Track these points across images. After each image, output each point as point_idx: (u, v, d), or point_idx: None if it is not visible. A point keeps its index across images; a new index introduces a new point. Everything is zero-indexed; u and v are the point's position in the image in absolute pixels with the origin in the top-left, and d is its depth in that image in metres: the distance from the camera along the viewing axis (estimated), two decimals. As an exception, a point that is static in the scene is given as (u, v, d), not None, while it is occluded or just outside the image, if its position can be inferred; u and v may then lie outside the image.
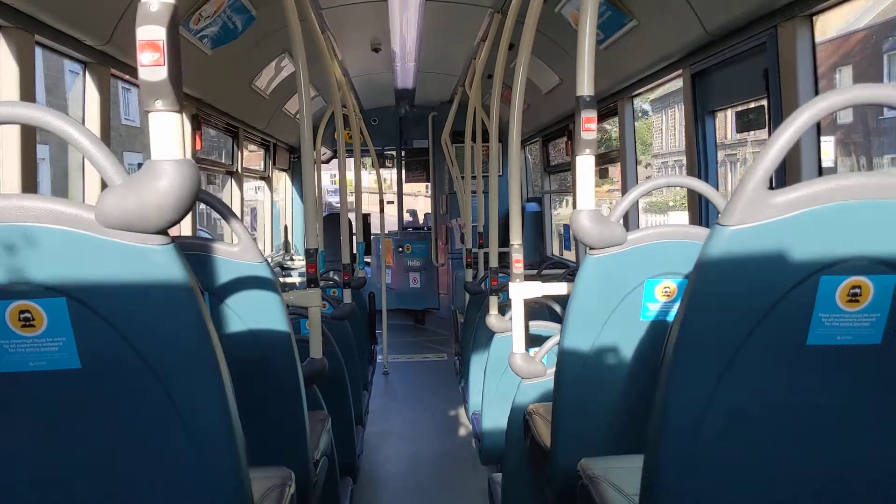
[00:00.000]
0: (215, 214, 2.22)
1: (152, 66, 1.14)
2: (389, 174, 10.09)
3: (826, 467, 1.36)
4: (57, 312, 1.21)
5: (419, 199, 13.75)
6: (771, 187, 1.26)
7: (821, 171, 2.71)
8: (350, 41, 5.82)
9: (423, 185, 10.39)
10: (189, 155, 4.18)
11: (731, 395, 1.31)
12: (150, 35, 1.13)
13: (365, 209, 6.75)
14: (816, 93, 2.68)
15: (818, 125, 2.69)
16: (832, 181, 1.22)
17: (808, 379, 1.31)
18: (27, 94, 2.52)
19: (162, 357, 1.25)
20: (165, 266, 1.21)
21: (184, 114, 1.23)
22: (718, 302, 1.29)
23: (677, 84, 3.90)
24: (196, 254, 2.03)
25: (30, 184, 2.52)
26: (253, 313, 2.09)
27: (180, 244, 1.36)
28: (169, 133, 1.18)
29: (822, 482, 1.37)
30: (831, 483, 1.37)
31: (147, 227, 1.18)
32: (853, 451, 1.36)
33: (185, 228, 4.41)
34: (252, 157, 6.90)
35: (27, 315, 1.20)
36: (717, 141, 3.67)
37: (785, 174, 2.72)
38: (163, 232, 1.20)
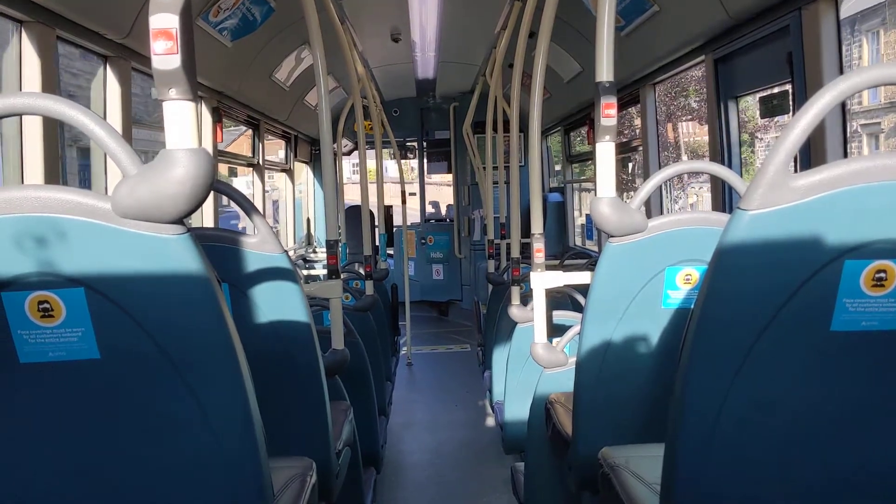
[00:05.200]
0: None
1: (166, 54, 1.13)
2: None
3: (847, 457, 1.33)
4: (75, 303, 1.21)
5: (441, 190, 13.73)
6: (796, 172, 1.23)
7: (846, 155, 2.65)
8: (369, 31, 5.81)
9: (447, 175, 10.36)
10: (206, 145, 4.21)
11: (752, 382, 1.28)
12: (164, 23, 1.13)
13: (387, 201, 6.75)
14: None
15: (843, 107, 2.63)
16: (854, 163, 1.19)
17: (832, 366, 1.28)
18: (49, 88, 2.55)
19: (179, 346, 1.25)
20: (181, 255, 1.21)
21: (204, 106, 1.23)
22: (739, 288, 1.26)
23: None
24: (214, 245, 2.03)
25: (53, 176, 2.55)
26: (272, 304, 2.09)
27: (199, 235, 1.36)
28: (184, 122, 1.18)
29: (842, 472, 1.34)
30: (852, 473, 1.34)
31: (162, 216, 1.18)
32: (877, 440, 1.32)
33: (207, 222, 4.45)
34: (273, 149, 6.93)
35: (46, 306, 1.21)
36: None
37: (810, 159, 2.67)
38: (179, 221, 1.20)
